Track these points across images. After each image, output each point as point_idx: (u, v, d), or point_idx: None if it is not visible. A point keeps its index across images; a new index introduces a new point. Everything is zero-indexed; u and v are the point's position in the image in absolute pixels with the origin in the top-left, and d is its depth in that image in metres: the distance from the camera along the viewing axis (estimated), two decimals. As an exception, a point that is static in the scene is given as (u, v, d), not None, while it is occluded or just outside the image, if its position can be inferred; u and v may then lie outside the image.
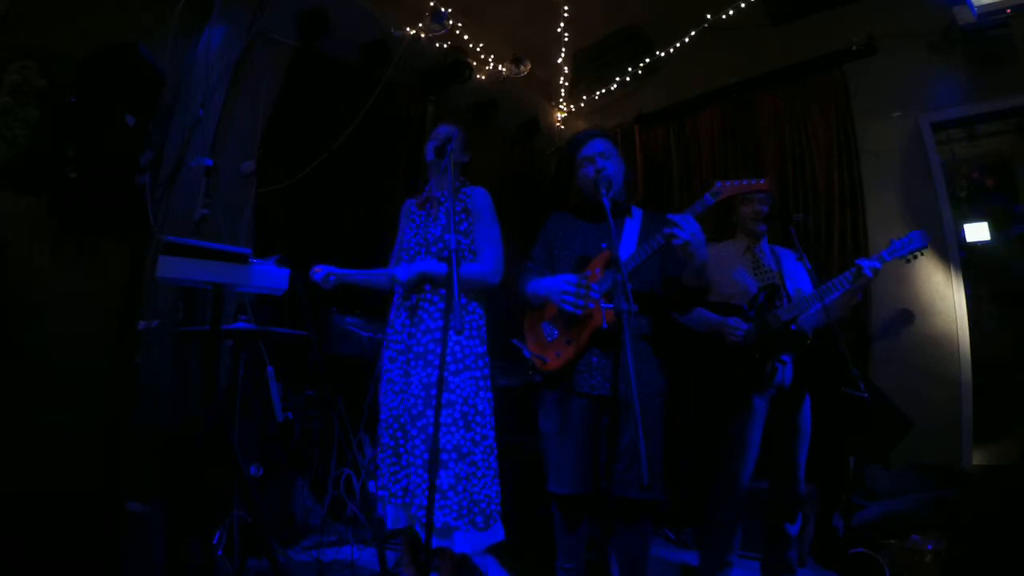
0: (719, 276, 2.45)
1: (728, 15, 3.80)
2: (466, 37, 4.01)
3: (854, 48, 3.53)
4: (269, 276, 2.03)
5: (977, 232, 4.65)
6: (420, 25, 3.68)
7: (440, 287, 2.08)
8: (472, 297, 2.13)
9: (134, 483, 2.18)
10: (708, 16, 3.87)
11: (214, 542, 2.13)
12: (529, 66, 4.18)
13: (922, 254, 2.26)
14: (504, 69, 4.21)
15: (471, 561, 2.36)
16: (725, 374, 2.33)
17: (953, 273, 3.18)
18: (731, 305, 2.38)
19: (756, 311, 2.34)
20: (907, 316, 3.27)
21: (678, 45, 4.14)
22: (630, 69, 4.39)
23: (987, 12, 3.02)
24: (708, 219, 1.77)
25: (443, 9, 3.65)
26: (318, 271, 2.19)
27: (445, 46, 3.88)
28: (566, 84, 4.68)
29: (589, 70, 4.52)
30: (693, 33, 4.01)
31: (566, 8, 3.97)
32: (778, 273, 2.44)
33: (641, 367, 1.80)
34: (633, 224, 1.99)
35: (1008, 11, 2.99)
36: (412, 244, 2.18)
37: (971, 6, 3.02)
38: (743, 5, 3.71)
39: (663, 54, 4.23)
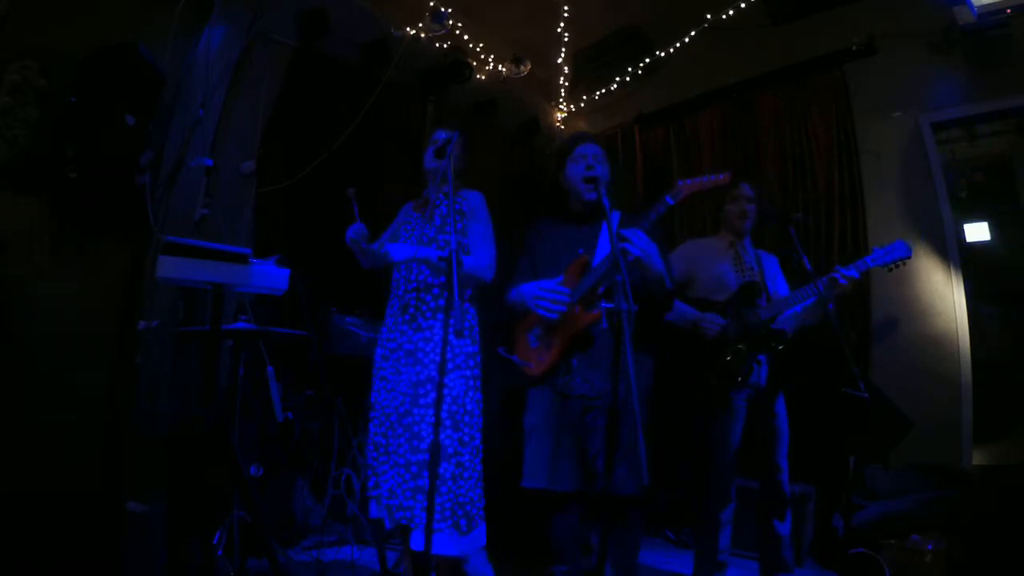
0: (701, 271, 2.46)
1: (728, 15, 3.80)
2: (466, 37, 4.00)
3: (854, 48, 3.53)
4: (269, 276, 2.03)
5: (977, 232, 4.65)
6: (420, 25, 3.68)
7: (434, 286, 2.09)
8: (465, 297, 2.13)
9: (134, 483, 2.18)
10: (708, 16, 3.87)
11: (214, 542, 2.13)
12: (529, 66, 4.17)
13: (904, 264, 2.27)
14: (504, 69, 4.21)
15: (463, 565, 2.35)
16: (704, 373, 2.33)
17: (953, 273, 3.18)
18: (710, 300, 2.39)
19: (735, 307, 2.34)
20: (907, 316, 3.27)
21: (678, 45, 4.13)
22: (630, 69, 4.38)
23: (987, 12, 3.02)
24: (695, 216, 1.76)
25: (443, 9, 3.64)
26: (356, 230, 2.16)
27: (445, 46, 3.88)
28: (566, 84, 4.67)
29: (589, 70, 4.51)
30: (693, 33, 4.01)
31: (566, 8, 3.97)
32: (759, 272, 2.45)
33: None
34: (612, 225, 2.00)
35: (1008, 11, 2.99)
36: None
37: (971, 6, 3.01)
38: (743, 5, 3.71)
39: (663, 54, 4.23)
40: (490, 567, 2.33)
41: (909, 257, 2.25)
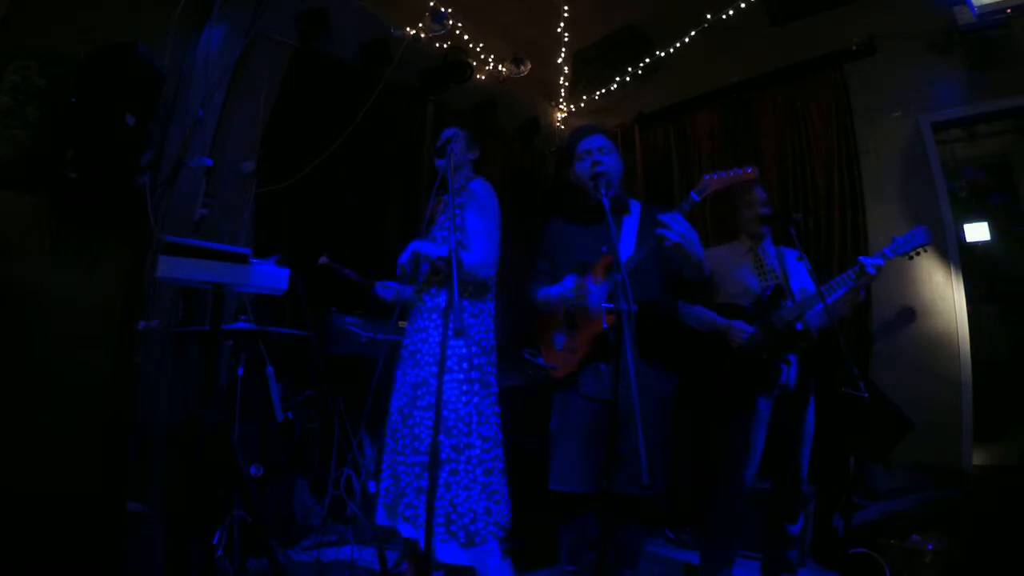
0: (722, 278, 2.45)
1: (728, 15, 3.80)
2: (466, 37, 4.00)
3: (854, 48, 3.53)
4: (269, 276, 2.02)
5: (977, 232, 4.65)
6: (420, 25, 3.68)
7: (432, 284, 2.08)
8: (463, 296, 2.03)
9: (134, 483, 2.18)
10: (708, 16, 3.87)
11: (214, 542, 2.13)
12: (529, 66, 4.18)
13: (925, 251, 2.25)
14: (504, 69, 4.21)
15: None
16: (730, 376, 2.32)
17: (953, 273, 3.18)
18: (735, 306, 2.38)
19: (760, 312, 2.34)
20: (907, 316, 3.26)
21: (678, 45, 4.13)
22: (630, 69, 4.39)
23: (987, 12, 3.02)
24: (711, 222, 1.76)
25: (443, 9, 3.64)
26: (385, 288, 2.26)
27: (445, 46, 3.88)
28: (566, 84, 4.67)
29: (589, 70, 4.51)
30: (693, 33, 4.01)
31: (566, 8, 3.97)
32: (782, 273, 2.44)
33: (647, 370, 1.81)
34: (632, 221, 1.99)
35: (1008, 11, 2.99)
36: None
37: (971, 6, 3.01)
38: (743, 5, 3.71)
39: (663, 54, 4.23)
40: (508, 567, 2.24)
41: (929, 242, 2.23)
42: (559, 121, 4.97)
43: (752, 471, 2.29)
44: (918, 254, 2.26)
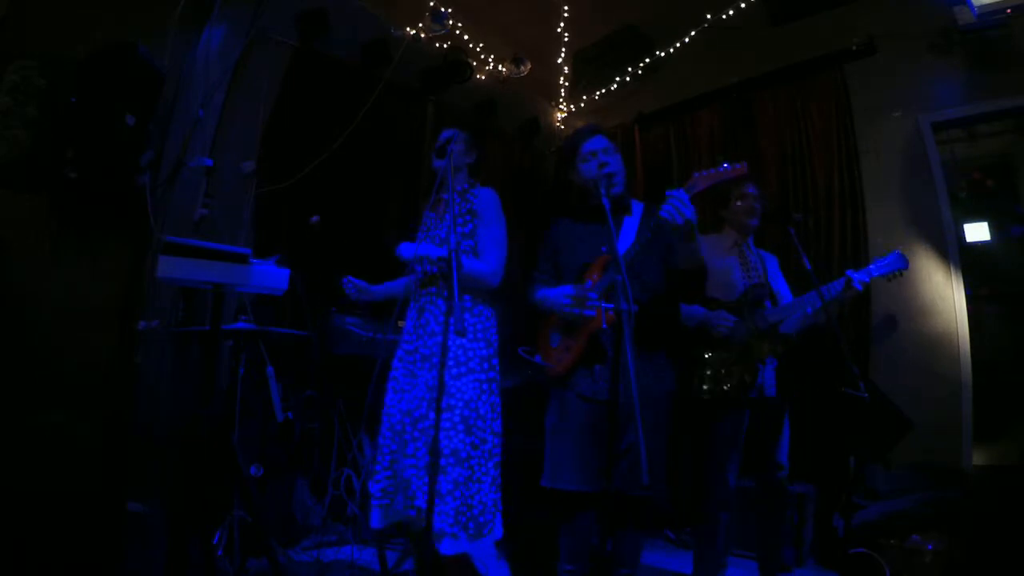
0: (708, 269, 2.45)
1: (728, 15, 3.80)
2: (466, 37, 4.01)
3: (854, 48, 3.53)
4: (269, 276, 2.03)
5: (977, 232, 4.65)
6: (420, 25, 3.68)
7: (445, 289, 2.08)
8: (477, 299, 2.10)
9: (134, 483, 2.18)
10: (708, 16, 3.87)
11: (214, 542, 2.13)
12: (529, 66, 4.18)
13: (902, 275, 2.35)
14: (504, 69, 4.21)
15: (472, 562, 2.34)
16: (710, 373, 2.33)
17: (953, 273, 3.18)
18: (715, 299, 2.39)
19: (743, 308, 2.34)
20: (907, 316, 3.27)
21: (678, 45, 4.14)
22: (630, 69, 4.39)
23: (987, 12, 3.02)
24: (709, 217, 1.75)
25: (443, 9, 3.65)
26: (349, 283, 2.26)
27: (445, 46, 3.88)
28: (566, 84, 4.68)
29: (589, 70, 4.52)
30: (693, 33, 4.01)
31: (566, 8, 3.97)
32: (763, 272, 2.46)
33: (648, 367, 1.81)
34: (632, 221, 1.99)
35: (1008, 11, 2.99)
36: None
37: (971, 6, 3.01)
38: (743, 5, 3.71)
39: (663, 54, 4.23)
40: (505, 565, 2.28)
41: (906, 268, 2.34)
42: (559, 121, 4.97)
43: (733, 470, 2.31)
44: (895, 277, 2.37)
